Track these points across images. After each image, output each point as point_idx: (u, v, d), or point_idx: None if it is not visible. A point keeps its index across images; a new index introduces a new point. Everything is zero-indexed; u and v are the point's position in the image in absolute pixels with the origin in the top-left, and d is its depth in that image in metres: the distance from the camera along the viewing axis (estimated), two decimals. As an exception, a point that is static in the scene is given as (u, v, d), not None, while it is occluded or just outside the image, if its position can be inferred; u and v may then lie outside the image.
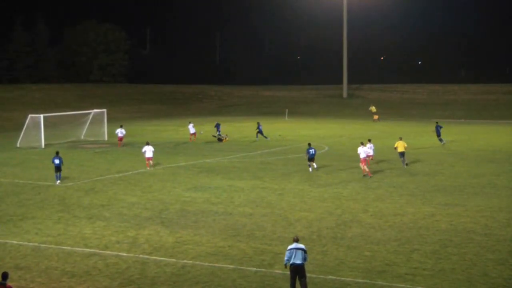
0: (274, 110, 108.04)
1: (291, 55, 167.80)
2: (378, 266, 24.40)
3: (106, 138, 68.29)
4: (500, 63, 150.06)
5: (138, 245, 27.39)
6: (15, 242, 28.14)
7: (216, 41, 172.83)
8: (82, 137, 68.95)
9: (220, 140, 65.50)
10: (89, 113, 70.75)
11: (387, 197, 36.77)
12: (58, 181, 42.64)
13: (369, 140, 49.31)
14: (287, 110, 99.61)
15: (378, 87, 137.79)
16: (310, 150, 45.59)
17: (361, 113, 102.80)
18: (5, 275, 20.00)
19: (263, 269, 24.18)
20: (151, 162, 48.09)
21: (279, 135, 69.18)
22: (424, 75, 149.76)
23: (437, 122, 64.01)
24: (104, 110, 71.49)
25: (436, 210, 33.33)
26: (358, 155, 43.79)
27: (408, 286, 22.44)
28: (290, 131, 76.38)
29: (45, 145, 60.57)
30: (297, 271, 21.37)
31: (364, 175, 43.34)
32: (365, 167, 43.60)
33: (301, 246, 21.61)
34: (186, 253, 26.28)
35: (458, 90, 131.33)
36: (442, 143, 60.65)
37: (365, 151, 43.72)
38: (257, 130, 66.84)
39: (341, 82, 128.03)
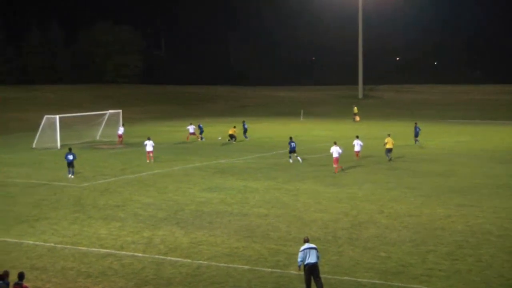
0: (289, 110, 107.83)
1: (305, 55, 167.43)
2: (393, 267, 24.37)
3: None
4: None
5: (154, 246, 27.46)
6: (31, 242, 28.30)
7: (230, 41, 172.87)
8: (98, 137, 69.18)
9: (232, 137, 65.56)
10: (105, 114, 70.99)
11: (402, 198, 36.70)
12: (70, 175, 43.66)
13: (357, 137, 52.22)
14: (302, 111, 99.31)
15: (393, 87, 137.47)
16: (292, 144, 50.38)
17: (376, 114, 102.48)
18: (21, 275, 20.17)
19: (278, 270, 24.19)
20: (151, 155, 51.10)
21: (295, 136, 68.95)
22: (439, 75, 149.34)
23: (416, 123, 64.13)
24: (120, 110, 71.63)
25: (452, 211, 33.23)
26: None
27: (424, 287, 22.40)
28: (305, 131, 76.27)
29: (60, 146, 60.81)
30: (312, 270, 21.42)
31: (344, 170, 45.45)
32: (336, 166, 45.32)
33: (313, 245, 21.76)
34: (201, 253, 26.32)
35: (472, 91, 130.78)
36: (417, 143, 61.29)
37: (337, 150, 45.44)
38: (242, 129, 67.86)
39: (356, 82, 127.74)
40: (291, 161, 50.23)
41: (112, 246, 27.45)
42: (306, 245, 21.65)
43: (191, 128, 68.28)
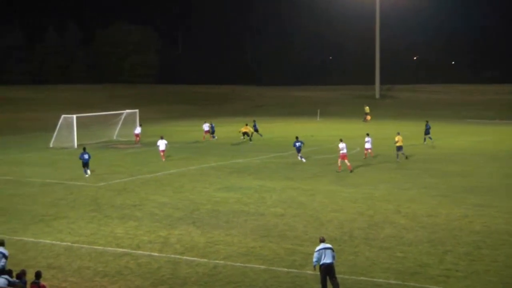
0: (305, 110, 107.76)
1: (322, 55, 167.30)
2: (410, 267, 24.28)
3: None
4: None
5: (170, 245, 27.53)
6: (48, 241, 28.42)
7: (247, 41, 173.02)
8: (115, 137, 69.42)
9: (245, 134, 65.67)
10: (122, 114, 71.25)
11: (419, 198, 36.56)
12: (88, 172, 44.62)
13: (367, 134, 52.90)
14: (319, 111, 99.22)
15: (410, 87, 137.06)
16: (297, 144, 50.66)
17: (393, 113, 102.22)
18: (38, 274, 20.29)
19: (295, 270, 24.18)
20: (162, 155, 51.98)
21: (311, 136, 68.98)
22: (456, 74, 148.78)
23: (427, 121, 63.85)
24: (136, 110, 71.81)
25: (469, 211, 33.06)
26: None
27: (441, 287, 22.33)
28: (321, 131, 76.19)
29: (77, 145, 61.02)
30: (328, 270, 21.39)
31: (351, 171, 45.46)
32: (342, 162, 45.92)
33: (329, 245, 21.75)
34: (218, 253, 26.37)
35: (489, 90, 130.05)
36: (426, 141, 61.48)
37: (345, 146, 46.29)
38: (253, 129, 67.59)
39: (373, 82, 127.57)
40: (304, 160, 50.43)
41: (129, 246, 27.52)
42: (322, 245, 21.62)
43: (206, 126, 68.42)
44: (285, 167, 48.71)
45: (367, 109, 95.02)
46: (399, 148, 50.83)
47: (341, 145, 46.38)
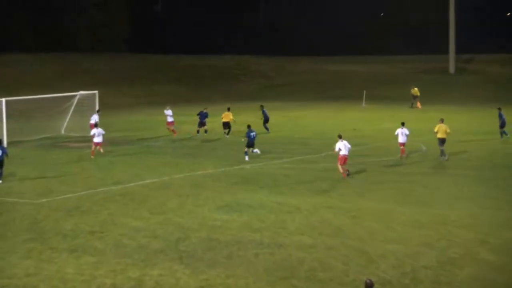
0: (345, 93, 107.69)
1: (370, 11, 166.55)
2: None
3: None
4: None
5: (145, 292, 27.34)
6: (-39, 286, 28.19)
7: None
8: (63, 131, 69.34)
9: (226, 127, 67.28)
10: (74, 97, 71.00)
11: (516, 222, 36.34)
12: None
13: (403, 124, 55.02)
14: (364, 93, 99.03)
15: (500, 57, 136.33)
16: (251, 134, 54.03)
17: (476, 94, 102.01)
18: None
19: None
20: (99, 148, 55.55)
21: (354, 130, 68.72)
22: None
23: (499, 109, 65.28)
24: (95, 92, 71.65)
25: None
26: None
27: None
28: (369, 123, 75.89)
29: (8, 143, 60.73)
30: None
31: (347, 175, 47.32)
32: (342, 166, 47.49)
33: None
34: (215, 304, 26.17)
35: None
36: (502, 138, 63.90)
37: (345, 146, 47.48)
38: (262, 117, 70.24)
39: (446, 51, 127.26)
40: (247, 158, 53.64)
41: (83, 293, 27.29)
42: (371, 293, 21.65)
43: (169, 115, 68.77)
44: (315, 175, 48.71)
45: (415, 90, 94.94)
46: (440, 141, 52.89)
47: (340, 144, 47.35)
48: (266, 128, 68.86)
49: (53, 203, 41.31)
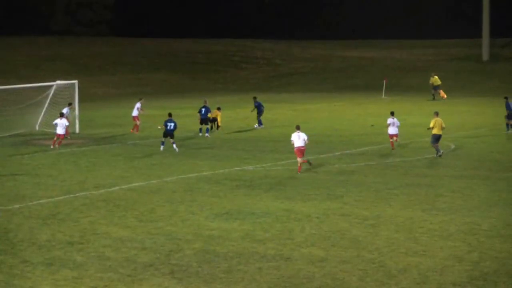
0: (362, 82, 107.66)
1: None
2: None
3: (77, 130, 68.38)
4: None
5: (132, 311, 26.98)
6: None
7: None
8: (37, 127, 69.26)
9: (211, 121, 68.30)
10: (50, 87, 70.83)
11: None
12: None
13: (392, 114, 58.24)
14: (384, 83, 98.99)
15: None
16: (169, 124, 57.47)
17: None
18: None
19: None
20: (60, 141, 58.51)
21: (372, 126, 68.64)
22: None
23: (506, 98, 66.78)
24: (75, 81, 71.49)
25: None
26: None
27: None
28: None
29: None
30: None
31: (310, 164, 49.87)
32: (301, 159, 49.15)
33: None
34: (213, 327, 26.00)
35: None
36: (508, 131, 66.00)
37: (301, 137, 49.32)
38: (254, 109, 71.13)
39: (479, 35, 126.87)
40: (162, 148, 57.53)
41: (62, 312, 27.05)
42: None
43: (136, 108, 70.31)
44: (328, 178, 48.37)
45: (436, 79, 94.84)
46: (435, 138, 54.15)
47: (294, 136, 48.78)
48: (260, 123, 68.40)
49: (26, 209, 40.26)
